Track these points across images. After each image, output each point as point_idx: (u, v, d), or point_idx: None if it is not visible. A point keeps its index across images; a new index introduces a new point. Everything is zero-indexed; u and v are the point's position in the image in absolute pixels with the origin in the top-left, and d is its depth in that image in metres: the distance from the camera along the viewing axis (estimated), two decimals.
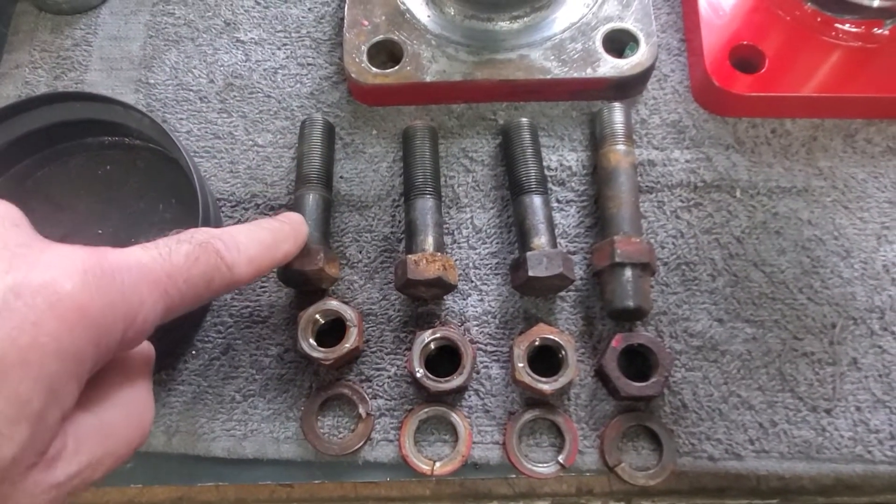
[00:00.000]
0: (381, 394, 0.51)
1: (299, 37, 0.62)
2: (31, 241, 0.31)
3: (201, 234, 0.37)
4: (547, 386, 0.47)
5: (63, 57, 0.63)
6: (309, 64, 0.61)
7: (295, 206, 0.52)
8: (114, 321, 0.30)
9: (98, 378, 0.32)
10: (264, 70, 0.61)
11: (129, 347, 0.33)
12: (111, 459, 0.32)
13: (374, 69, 0.57)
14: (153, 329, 0.33)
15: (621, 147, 0.54)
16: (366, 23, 0.58)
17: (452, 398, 0.50)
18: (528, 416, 0.49)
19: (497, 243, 0.54)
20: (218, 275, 0.37)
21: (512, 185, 0.54)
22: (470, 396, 0.50)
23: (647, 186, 0.55)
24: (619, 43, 0.58)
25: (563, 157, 0.56)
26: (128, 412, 0.34)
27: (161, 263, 0.34)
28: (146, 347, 0.38)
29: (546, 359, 0.49)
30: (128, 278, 0.31)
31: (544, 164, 0.55)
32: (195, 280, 0.36)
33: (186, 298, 0.35)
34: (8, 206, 0.33)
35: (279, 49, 0.62)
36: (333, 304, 0.50)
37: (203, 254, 0.36)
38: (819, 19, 0.57)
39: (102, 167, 0.57)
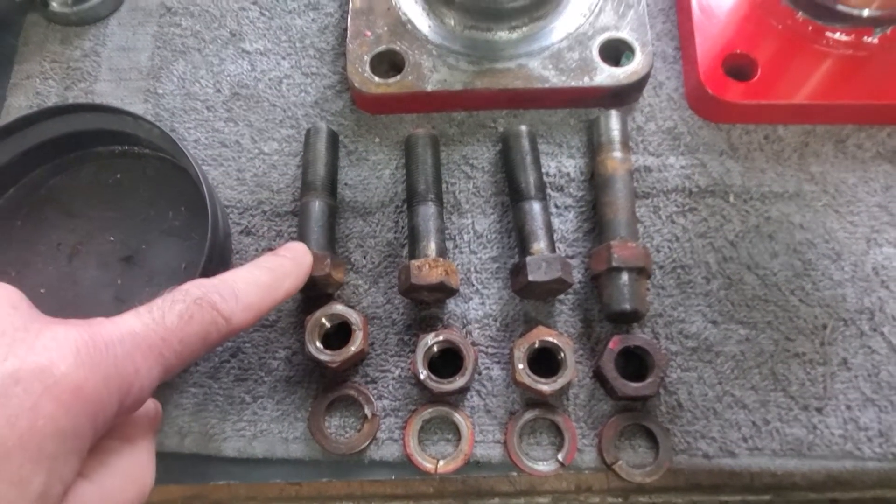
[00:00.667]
0: (385, 395, 0.52)
1: (303, 47, 0.64)
2: (28, 324, 0.32)
3: (196, 288, 0.38)
4: (546, 387, 0.49)
5: (73, 67, 0.64)
6: (313, 74, 0.63)
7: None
8: (108, 395, 0.31)
9: (99, 445, 0.33)
10: (269, 80, 0.63)
11: (129, 414, 0.34)
12: None
13: (377, 79, 0.58)
14: (152, 392, 0.34)
15: (618, 154, 0.55)
16: (368, 33, 0.60)
17: (455, 399, 0.52)
18: (528, 415, 0.51)
19: (497, 248, 0.56)
20: (214, 328, 0.38)
21: (512, 192, 0.56)
22: (472, 397, 0.52)
23: (643, 192, 0.57)
24: (615, 52, 0.59)
25: (562, 164, 0.58)
26: (127, 476, 0.35)
27: (154, 328, 0.35)
28: (150, 406, 0.39)
29: (545, 360, 0.51)
30: (121, 350, 0.32)
31: (543, 170, 0.57)
32: (190, 339, 0.36)
33: (183, 357, 0.36)
34: (7, 289, 0.34)
35: (284, 59, 0.63)
36: (339, 308, 0.51)
37: (198, 311, 0.37)
38: (810, 28, 0.58)
39: (113, 176, 0.58)
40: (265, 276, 0.43)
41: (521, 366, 0.49)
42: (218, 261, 0.51)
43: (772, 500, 0.51)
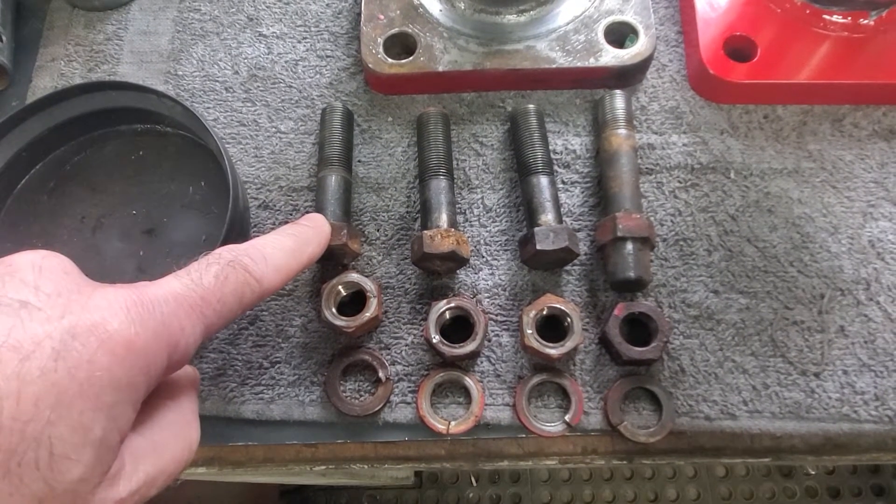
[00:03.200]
0: (399, 360, 0.54)
1: (318, 31, 0.66)
2: (80, 287, 0.34)
3: (228, 252, 0.40)
4: (554, 351, 0.51)
5: (96, 51, 0.67)
6: (328, 56, 0.65)
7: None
8: (158, 350, 0.34)
9: (148, 402, 0.36)
10: (286, 62, 0.65)
11: (175, 370, 0.36)
12: (164, 477, 0.36)
13: (390, 60, 0.60)
14: (195, 351, 0.37)
15: (622, 131, 0.57)
16: (382, 17, 0.62)
17: (466, 363, 0.54)
18: (536, 379, 0.53)
19: (506, 221, 0.58)
20: (248, 289, 0.40)
21: (520, 167, 0.58)
22: (482, 362, 0.54)
23: (646, 168, 0.59)
24: (619, 34, 0.61)
25: (568, 142, 0.60)
26: (176, 432, 0.37)
27: (194, 289, 0.37)
28: (190, 371, 0.42)
29: (553, 327, 0.53)
30: (166, 309, 0.35)
31: (550, 147, 0.59)
32: (227, 298, 0.39)
33: (222, 317, 0.38)
34: (59, 257, 0.36)
35: (299, 42, 0.66)
36: (354, 276, 0.53)
37: (232, 272, 0.39)
38: (808, 11, 0.61)
39: (136, 153, 0.60)
40: (290, 242, 0.45)
41: (529, 331, 0.51)
42: (238, 232, 0.53)
43: (771, 462, 0.53)
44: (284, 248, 0.44)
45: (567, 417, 0.52)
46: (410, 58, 0.61)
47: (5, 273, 0.34)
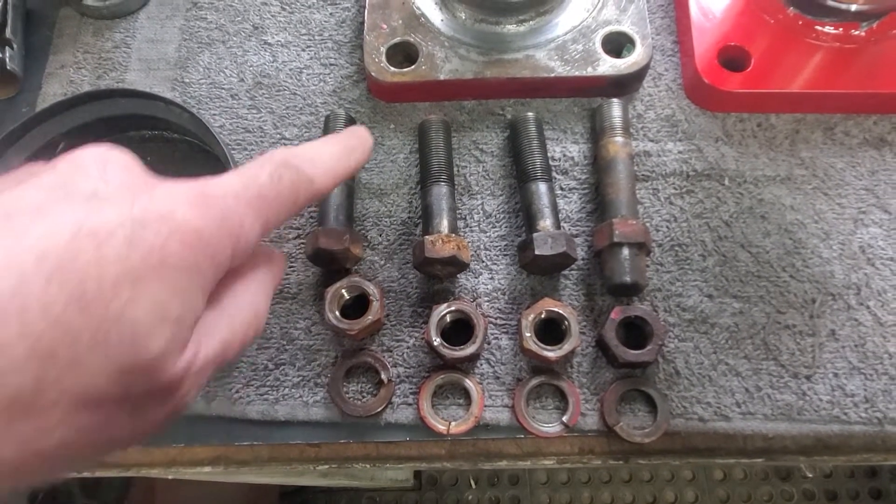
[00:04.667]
0: (400, 362, 0.56)
1: (322, 39, 0.68)
2: (146, 180, 0.36)
3: (280, 154, 0.42)
4: (552, 353, 0.52)
5: (104, 58, 0.68)
6: (331, 64, 0.66)
7: None
8: (221, 241, 0.36)
9: (220, 283, 0.38)
10: (290, 70, 0.66)
11: (238, 262, 0.38)
12: (233, 350, 0.38)
13: (392, 68, 0.62)
14: (254, 246, 0.39)
15: (619, 139, 0.58)
16: (384, 26, 0.63)
17: (466, 366, 0.55)
18: (534, 381, 0.54)
19: (506, 227, 0.59)
20: (302, 188, 0.42)
21: (519, 174, 0.59)
22: (482, 364, 0.55)
23: (643, 175, 0.60)
24: (617, 44, 0.63)
25: (566, 149, 0.61)
26: (245, 309, 0.40)
27: (251, 186, 0.39)
28: (265, 252, 0.44)
29: (551, 330, 0.54)
30: (227, 204, 0.37)
31: (549, 154, 0.60)
32: (283, 196, 0.40)
33: (278, 215, 0.40)
34: (122, 151, 0.38)
35: (304, 51, 0.67)
36: (357, 280, 0.55)
37: (286, 171, 0.41)
38: (801, 22, 0.62)
39: (144, 159, 0.60)
40: (336, 147, 0.47)
41: (528, 334, 0.52)
42: None
43: (764, 462, 0.54)
44: (332, 152, 0.46)
45: (564, 418, 0.53)
46: (412, 66, 0.62)
47: (72, 166, 0.35)
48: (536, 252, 0.53)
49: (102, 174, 0.35)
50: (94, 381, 0.31)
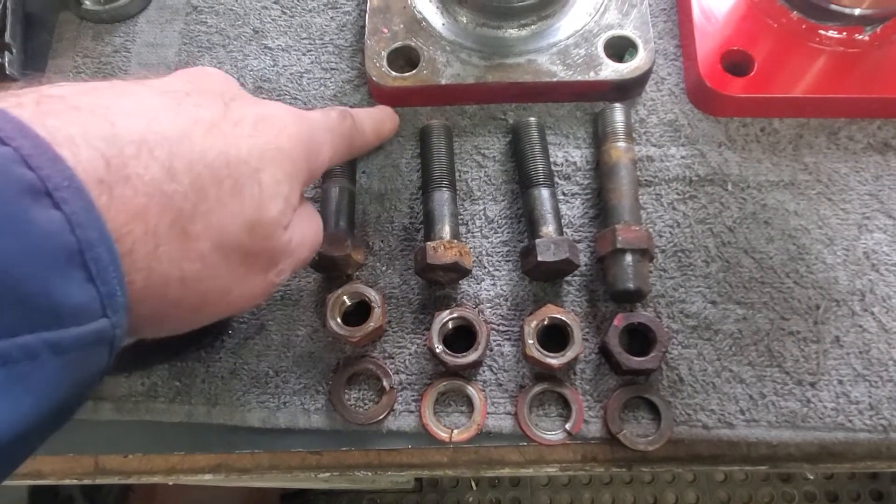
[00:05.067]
0: (402, 369, 0.55)
1: (323, 43, 0.67)
2: (250, 94, 0.45)
3: (340, 106, 0.52)
4: (555, 360, 0.52)
5: (104, 63, 0.68)
6: (332, 69, 0.66)
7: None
8: (311, 150, 0.44)
9: None
10: (291, 74, 0.66)
11: (312, 180, 0.46)
12: (308, 246, 0.46)
13: (394, 73, 0.62)
14: (323, 170, 0.48)
15: (622, 144, 0.58)
16: (385, 31, 0.63)
17: (468, 373, 0.55)
18: (537, 388, 0.54)
19: (508, 233, 0.59)
20: (357, 135, 0.52)
21: (521, 179, 0.59)
22: (484, 371, 0.55)
23: (645, 180, 0.60)
24: (619, 49, 0.62)
25: (569, 154, 0.61)
26: (311, 219, 0.47)
27: (325, 120, 0.48)
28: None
29: (554, 337, 0.54)
30: (314, 124, 0.45)
31: (551, 159, 0.60)
32: (346, 136, 0.50)
33: (340, 150, 0.49)
34: (230, 77, 0.46)
35: (304, 55, 0.67)
36: (359, 286, 0.54)
37: (348, 117, 0.51)
38: (804, 26, 0.62)
39: None
40: (378, 114, 0.58)
41: (531, 341, 0.52)
42: None
43: (768, 469, 0.54)
44: (372, 117, 0.56)
45: (567, 426, 0.53)
46: (414, 71, 0.62)
47: (201, 73, 0.44)
48: (539, 258, 0.53)
49: (225, 82, 0.45)
50: (229, 227, 0.37)
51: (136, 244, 0.32)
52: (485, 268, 0.58)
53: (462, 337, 0.54)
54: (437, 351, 0.52)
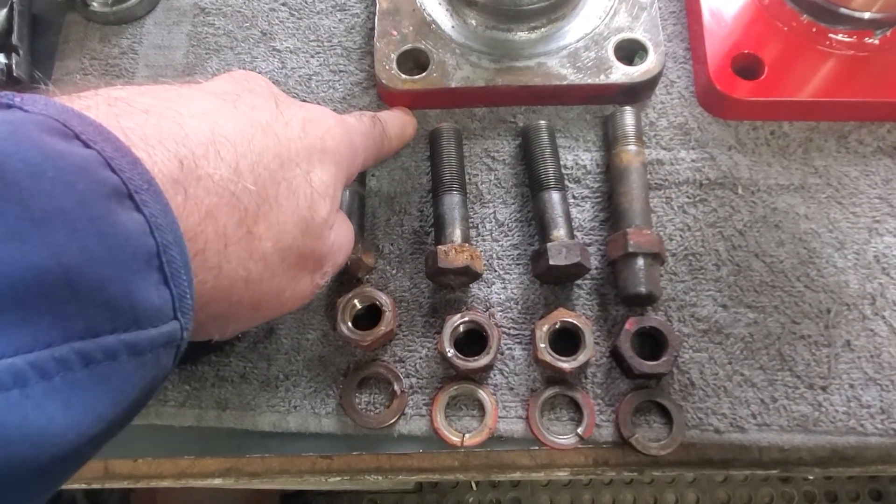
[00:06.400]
0: (413, 373, 0.55)
1: (331, 46, 0.67)
2: (292, 98, 0.46)
3: (369, 112, 0.55)
4: (566, 364, 0.51)
5: (111, 64, 0.67)
6: (341, 71, 0.66)
7: None
8: (352, 153, 0.46)
9: None
10: (299, 77, 0.66)
11: (349, 182, 0.48)
12: (345, 250, 0.48)
13: (403, 76, 0.61)
14: (357, 174, 0.50)
15: (632, 147, 0.58)
16: (395, 33, 0.63)
17: (479, 376, 0.55)
18: (548, 392, 0.54)
19: (518, 236, 0.59)
20: (385, 140, 0.54)
21: (532, 182, 0.59)
22: (495, 375, 0.55)
23: (656, 184, 0.60)
24: (629, 52, 0.62)
25: (579, 157, 0.61)
26: (345, 224, 0.48)
27: (360, 125, 0.50)
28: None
29: (565, 340, 0.53)
30: (351, 128, 0.47)
31: (561, 162, 0.60)
32: (377, 141, 0.52)
33: (371, 154, 0.52)
34: (268, 80, 0.47)
35: (313, 57, 0.67)
36: (369, 290, 0.54)
37: (378, 124, 0.53)
38: (814, 30, 0.62)
39: None
40: (396, 119, 0.58)
41: (542, 345, 0.52)
42: None
43: (779, 474, 0.54)
44: (396, 121, 0.58)
45: (579, 430, 0.52)
46: (423, 74, 0.62)
47: (245, 75, 0.45)
48: (551, 262, 0.53)
49: (267, 84, 0.45)
50: (287, 227, 0.38)
51: (209, 243, 0.33)
52: (495, 271, 0.58)
53: (473, 341, 0.54)
54: (449, 355, 0.52)
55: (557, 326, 0.53)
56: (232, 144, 0.36)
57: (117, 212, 0.28)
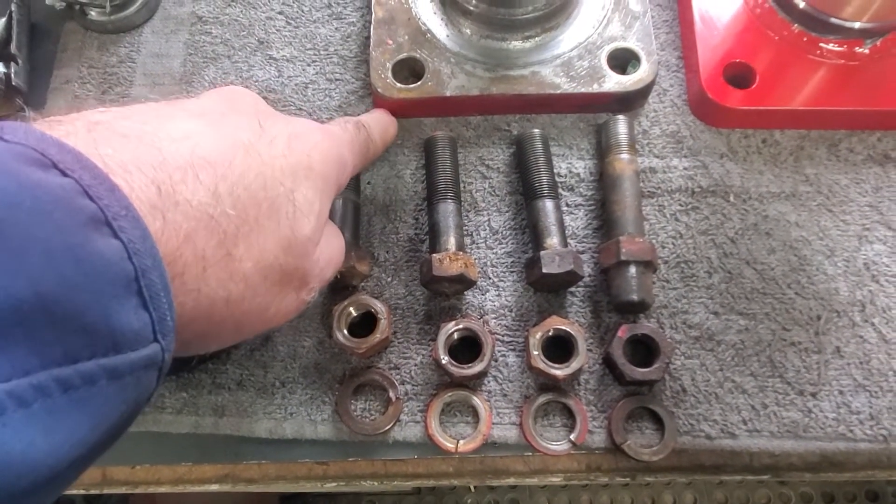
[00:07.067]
0: (408, 380, 0.56)
1: (328, 54, 0.68)
2: (280, 112, 0.47)
3: (353, 117, 0.55)
4: (559, 371, 0.52)
5: (109, 73, 0.68)
6: (337, 79, 0.66)
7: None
8: (340, 165, 0.46)
9: None
10: (296, 85, 0.66)
11: (340, 191, 0.49)
12: (334, 263, 0.48)
13: (399, 84, 0.62)
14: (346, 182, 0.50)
15: (625, 155, 0.59)
16: (390, 42, 0.64)
17: (473, 383, 0.55)
18: (542, 399, 0.54)
19: (512, 244, 0.60)
20: (370, 145, 0.55)
21: (525, 191, 0.59)
22: (489, 382, 0.55)
23: (648, 191, 0.61)
24: (622, 60, 0.63)
25: (572, 165, 0.62)
26: (334, 237, 0.49)
27: (345, 134, 0.50)
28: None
29: (558, 347, 0.54)
30: (339, 139, 0.48)
31: (555, 171, 0.61)
32: (363, 147, 0.52)
33: (360, 162, 0.52)
34: (257, 95, 0.48)
35: (309, 66, 0.67)
36: (365, 298, 0.55)
37: (363, 129, 0.53)
38: (805, 39, 0.62)
39: None
40: (378, 121, 0.58)
41: (535, 352, 0.53)
42: None
43: (770, 479, 0.55)
44: (378, 124, 0.58)
45: (572, 436, 0.53)
46: (419, 82, 0.62)
47: (231, 92, 0.45)
48: (544, 270, 0.53)
49: (255, 100, 0.46)
50: (268, 247, 0.38)
51: (187, 267, 0.34)
52: (489, 279, 0.58)
53: (467, 348, 0.55)
54: (443, 362, 0.53)
55: (551, 334, 0.53)
56: (212, 166, 0.36)
57: (94, 239, 0.28)
